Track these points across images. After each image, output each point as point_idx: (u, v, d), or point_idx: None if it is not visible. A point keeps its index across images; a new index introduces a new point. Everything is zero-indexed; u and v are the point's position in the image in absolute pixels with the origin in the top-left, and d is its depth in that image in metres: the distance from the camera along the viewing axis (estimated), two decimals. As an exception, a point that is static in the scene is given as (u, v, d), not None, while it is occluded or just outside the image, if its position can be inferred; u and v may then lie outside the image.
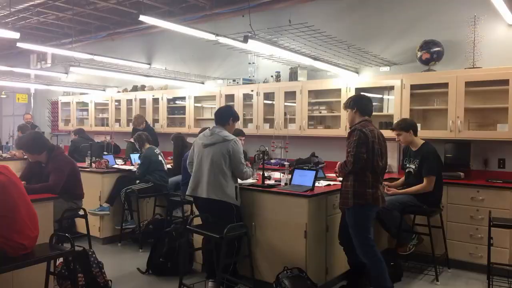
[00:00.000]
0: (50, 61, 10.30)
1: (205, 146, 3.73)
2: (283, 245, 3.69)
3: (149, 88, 8.23)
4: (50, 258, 3.00)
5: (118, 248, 5.20)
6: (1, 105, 12.36)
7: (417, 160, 4.27)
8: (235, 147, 3.66)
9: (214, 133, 3.74)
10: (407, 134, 4.30)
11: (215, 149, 3.66)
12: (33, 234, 2.85)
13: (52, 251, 2.99)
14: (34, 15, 7.73)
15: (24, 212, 2.83)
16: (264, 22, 5.68)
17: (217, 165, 3.61)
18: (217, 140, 3.69)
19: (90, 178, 5.25)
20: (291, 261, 3.57)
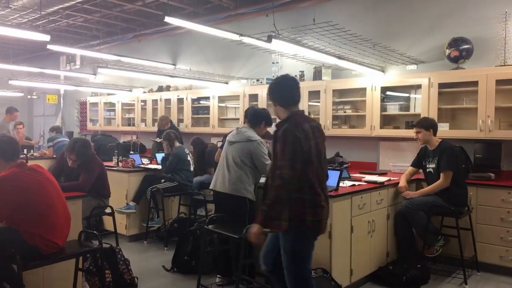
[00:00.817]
0: (79, 63, 10.58)
1: (230, 143, 3.83)
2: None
3: (174, 88, 8.34)
4: (79, 254, 3.09)
5: (144, 246, 5.29)
6: (32, 106, 12.77)
7: (436, 158, 4.19)
8: (259, 148, 3.70)
9: (240, 132, 3.84)
10: (426, 133, 4.24)
11: (238, 147, 3.75)
12: (66, 232, 2.94)
13: (81, 248, 3.08)
14: (63, 18, 7.95)
15: (61, 211, 2.93)
16: (288, 21, 5.66)
17: (237, 163, 3.70)
18: (241, 139, 3.78)
19: (117, 177, 5.36)
20: (315, 261, 3.53)
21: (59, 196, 2.98)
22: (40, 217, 2.80)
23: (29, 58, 11.28)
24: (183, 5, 7.04)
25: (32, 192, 2.79)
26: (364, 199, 3.89)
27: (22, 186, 2.77)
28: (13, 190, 2.73)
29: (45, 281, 3.21)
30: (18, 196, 2.74)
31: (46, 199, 2.85)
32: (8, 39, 8.96)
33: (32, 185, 2.83)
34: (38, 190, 2.84)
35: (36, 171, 2.95)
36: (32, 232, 2.75)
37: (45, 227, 2.80)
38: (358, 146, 5.70)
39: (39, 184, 2.86)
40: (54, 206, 2.89)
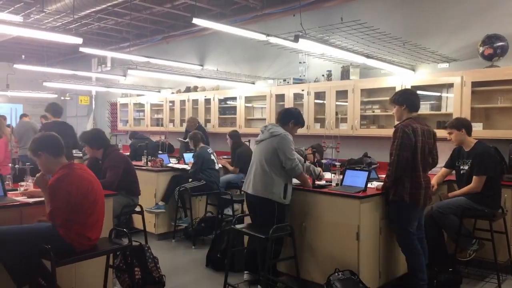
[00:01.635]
0: (109, 65, 10.84)
1: (256, 142, 3.82)
2: (334, 246, 3.63)
3: (202, 89, 8.43)
4: (110, 252, 3.16)
5: (172, 244, 5.37)
6: (66, 107, 13.16)
7: (470, 160, 4.06)
8: (282, 142, 3.62)
9: (265, 130, 3.78)
10: (458, 133, 4.11)
11: (263, 145, 3.71)
12: (101, 230, 3.02)
13: (111, 245, 3.15)
14: (95, 21, 8.17)
15: (100, 209, 3.01)
16: (315, 20, 5.62)
17: (264, 161, 3.64)
18: (265, 136, 3.73)
19: (146, 176, 5.46)
20: (343, 263, 3.51)
21: (101, 195, 3.08)
22: (83, 215, 2.88)
23: (62, 61, 11.66)
24: (210, 7, 7.11)
25: (82, 191, 2.88)
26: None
27: (77, 186, 2.86)
28: (71, 190, 2.82)
29: (77, 277, 3.30)
30: (73, 195, 2.82)
31: (91, 197, 2.94)
32: (42, 42, 9.29)
33: (83, 184, 2.91)
34: (87, 188, 2.92)
35: (84, 169, 3.05)
36: (70, 229, 2.83)
37: (84, 225, 2.88)
38: (387, 147, 5.55)
39: (88, 183, 2.95)
40: (97, 204, 2.98)
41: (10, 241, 2.74)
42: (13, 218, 2.99)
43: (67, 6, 6.04)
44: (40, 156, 2.94)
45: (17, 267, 2.80)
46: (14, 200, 3.14)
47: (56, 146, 2.98)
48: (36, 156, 2.96)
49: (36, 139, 3.02)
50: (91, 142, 4.31)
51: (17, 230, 2.83)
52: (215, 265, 4.40)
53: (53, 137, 3.04)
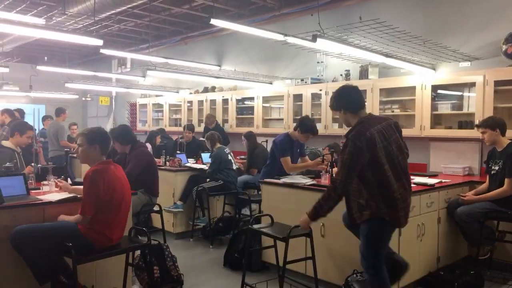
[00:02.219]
0: (129, 66, 11.00)
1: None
2: (353, 247, 3.59)
3: (219, 89, 8.47)
4: (130, 250, 3.20)
5: (190, 244, 5.41)
6: (87, 107, 13.42)
7: (502, 160, 3.95)
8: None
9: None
10: (492, 133, 4.00)
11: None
12: (123, 230, 3.07)
13: (131, 243, 3.20)
14: (115, 23, 8.30)
15: (125, 209, 3.06)
16: (333, 20, 5.58)
17: None
18: None
19: (165, 176, 5.51)
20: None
21: (128, 196, 3.13)
22: (108, 215, 2.94)
23: (83, 62, 11.88)
24: (228, 7, 7.14)
25: (113, 189, 2.94)
26: (413, 201, 3.70)
27: (110, 182, 2.92)
28: (103, 184, 2.89)
29: (97, 274, 3.36)
30: (103, 190, 2.89)
31: (119, 197, 2.99)
32: (64, 44, 9.49)
33: (115, 183, 2.97)
34: (117, 188, 2.98)
35: (119, 170, 3.11)
36: (92, 228, 2.89)
37: (107, 224, 2.93)
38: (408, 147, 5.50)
39: (119, 183, 3.01)
40: (123, 205, 3.03)
41: (33, 238, 2.81)
42: (36, 216, 3.06)
43: (88, 9, 6.15)
44: (91, 147, 3.03)
45: (39, 264, 2.86)
46: (37, 199, 3.21)
47: (107, 145, 3.10)
48: (89, 144, 3.03)
49: (97, 131, 3.13)
50: (119, 138, 4.41)
51: (39, 228, 2.90)
52: (233, 265, 4.41)
53: (108, 137, 3.18)
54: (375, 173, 2.75)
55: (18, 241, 2.81)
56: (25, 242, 2.81)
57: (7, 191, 3.15)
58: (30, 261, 2.85)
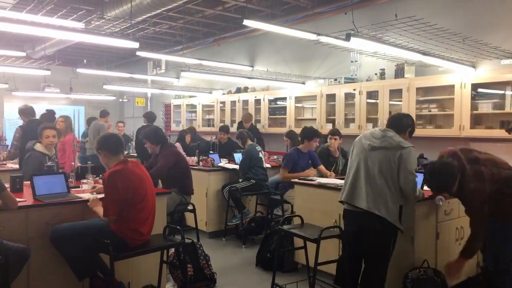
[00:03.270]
0: (164, 67, 11.22)
1: (373, 148, 3.08)
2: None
3: (252, 89, 8.50)
4: (164, 248, 3.27)
5: (223, 243, 5.45)
6: (123, 108, 13.80)
7: None
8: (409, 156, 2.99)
9: (386, 135, 3.09)
10: None
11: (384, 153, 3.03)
12: (152, 225, 3.13)
13: (165, 241, 3.26)
14: (150, 25, 8.49)
15: (151, 206, 3.13)
16: (368, 18, 5.48)
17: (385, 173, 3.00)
18: (389, 145, 3.04)
19: (198, 176, 5.58)
20: (397, 268, 3.39)
21: (152, 191, 3.19)
22: (134, 211, 3.01)
23: (120, 64, 12.23)
24: (261, 8, 7.15)
25: (133, 187, 3.01)
26: (451, 204, 3.63)
27: (128, 181, 3.00)
28: (122, 184, 2.96)
29: (133, 271, 3.44)
30: (124, 190, 2.96)
31: (142, 194, 3.05)
32: (102, 47, 9.81)
33: (135, 180, 3.04)
34: (138, 184, 3.05)
35: (137, 167, 3.19)
36: (122, 225, 2.96)
37: (135, 220, 3.00)
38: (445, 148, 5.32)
39: (139, 179, 3.08)
40: (147, 201, 3.09)
41: (71, 236, 2.92)
42: (75, 213, 3.18)
43: (125, 12, 6.32)
44: (100, 154, 3.16)
45: (78, 261, 2.97)
46: (77, 196, 3.33)
47: (115, 145, 3.15)
48: (98, 154, 3.19)
49: (98, 139, 3.26)
50: (150, 137, 4.53)
51: (75, 227, 3.00)
52: (265, 265, 4.42)
53: (113, 138, 3.24)
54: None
55: (57, 239, 2.92)
56: (63, 240, 2.91)
57: (49, 189, 3.30)
58: (69, 258, 2.95)
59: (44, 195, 3.22)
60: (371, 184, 3.01)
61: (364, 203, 2.99)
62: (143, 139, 4.61)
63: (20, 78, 9.54)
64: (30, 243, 2.89)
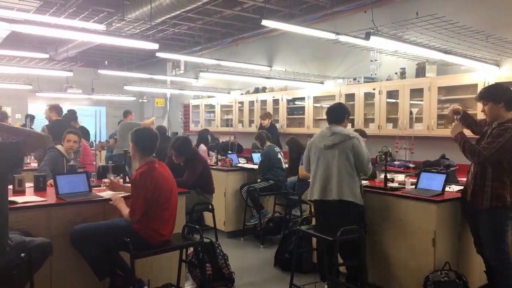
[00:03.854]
0: (183, 68, 11.33)
1: (328, 147, 3.55)
2: (407, 252, 3.47)
3: (270, 89, 8.49)
4: (183, 247, 3.29)
5: (241, 243, 5.47)
6: (143, 109, 13.98)
7: None
8: (358, 144, 3.49)
9: (336, 132, 3.56)
10: None
11: (340, 148, 3.48)
12: (174, 225, 3.17)
13: (184, 241, 3.29)
14: (169, 27, 8.58)
15: (174, 206, 3.16)
16: (388, 16, 5.41)
17: (345, 165, 3.46)
18: (341, 139, 3.51)
19: (216, 176, 5.60)
20: (416, 269, 3.34)
21: (175, 192, 3.22)
22: (158, 211, 3.04)
23: (140, 65, 12.39)
24: (279, 7, 7.14)
25: (160, 187, 3.04)
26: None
27: (156, 181, 3.03)
28: (151, 185, 2.99)
29: (154, 269, 3.49)
30: (151, 190, 2.99)
31: (167, 194, 3.09)
32: (123, 48, 9.96)
33: (162, 180, 3.08)
34: (165, 185, 3.08)
35: (164, 168, 3.21)
36: (144, 224, 3.00)
37: (158, 220, 3.03)
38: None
39: (166, 180, 3.11)
40: (171, 201, 3.13)
41: (91, 236, 2.97)
42: (97, 212, 3.24)
43: (145, 14, 6.40)
44: (132, 146, 3.17)
45: (98, 261, 3.01)
46: (98, 196, 3.38)
47: (148, 144, 3.15)
48: (132, 143, 3.18)
49: (137, 131, 3.22)
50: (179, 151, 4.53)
51: (96, 226, 3.05)
52: (283, 265, 4.41)
53: (150, 137, 3.21)
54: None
55: (76, 240, 2.98)
56: (83, 240, 2.96)
57: (72, 188, 3.37)
58: (88, 259, 3.00)
59: (67, 194, 3.29)
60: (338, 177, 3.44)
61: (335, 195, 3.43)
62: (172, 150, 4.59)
63: (43, 80, 9.77)
64: (52, 241, 2.94)
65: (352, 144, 3.47)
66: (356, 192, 3.45)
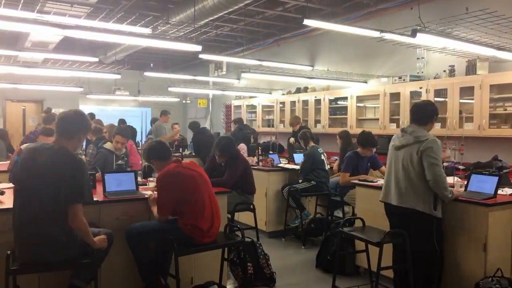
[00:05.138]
0: (225, 69, 11.48)
1: (397, 148, 3.33)
2: (455, 257, 3.32)
3: (312, 89, 8.42)
4: (225, 246, 3.34)
5: (282, 243, 5.45)
6: (187, 110, 14.30)
7: None
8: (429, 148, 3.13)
9: (406, 133, 3.29)
10: None
11: (405, 151, 3.23)
12: (216, 224, 3.21)
13: (226, 240, 3.33)
14: (212, 28, 8.72)
15: (209, 203, 3.22)
16: (436, 13, 5.22)
17: (408, 169, 3.19)
18: (407, 142, 3.23)
19: (258, 176, 5.61)
20: (467, 275, 3.19)
21: (209, 190, 3.27)
22: (187, 208, 3.10)
23: (184, 67, 12.69)
24: (321, 6, 7.07)
25: (187, 186, 3.12)
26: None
27: (181, 181, 3.12)
28: (175, 184, 3.09)
29: (196, 266, 3.55)
30: (178, 189, 3.09)
31: (197, 193, 3.15)
32: (167, 51, 10.23)
33: (188, 179, 3.15)
34: (193, 184, 3.15)
35: (190, 168, 3.29)
36: (186, 222, 3.07)
37: (195, 216, 3.09)
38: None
39: (193, 179, 3.18)
40: (204, 200, 3.17)
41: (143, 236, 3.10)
42: (142, 210, 3.35)
43: (189, 17, 6.55)
44: (152, 163, 3.39)
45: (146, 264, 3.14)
46: (144, 194, 3.49)
47: (161, 152, 3.33)
48: (151, 164, 3.43)
49: (145, 149, 3.45)
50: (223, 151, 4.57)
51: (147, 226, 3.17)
52: (325, 267, 4.35)
53: (157, 145, 3.40)
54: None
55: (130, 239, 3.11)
56: (136, 240, 3.09)
57: (120, 186, 3.50)
58: (138, 259, 3.13)
59: (114, 192, 3.43)
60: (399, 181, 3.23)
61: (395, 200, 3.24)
62: (215, 149, 4.65)
63: (93, 82, 10.22)
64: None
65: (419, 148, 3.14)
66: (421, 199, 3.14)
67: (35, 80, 8.76)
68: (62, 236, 2.54)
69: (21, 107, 11.76)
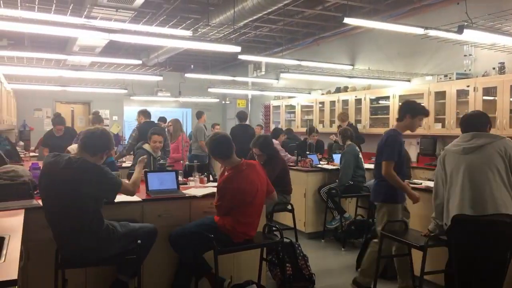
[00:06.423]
0: (264, 69, 11.51)
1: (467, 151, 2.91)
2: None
3: (352, 89, 8.28)
4: (264, 246, 3.35)
5: (321, 244, 5.40)
6: (226, 110, 14.46)
7: None
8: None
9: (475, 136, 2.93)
10: None
11: (483, 150, 2.86)
12: (257, 224, 3.23)
13: (264, 240, 3.34)
14: (251, 29, 8.76)
15: (257, 207, 3.23)
16: (484, 7, 4.99)
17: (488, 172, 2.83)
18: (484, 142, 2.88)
19: (296, 176, 5.59)
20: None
21: (261, 194, 3.25)
22: (240, 209, 3.12)
23: (223, 68, 12.84)
24: (362, 4, 6.94)
25: (243, 191, 3.12)
26: None
27: (240, 187, 3.11)
28: (231, 191, 3.11)
29: (235, 265, 3.58)
30: (233, 196, 3.11)
31: (250, 196, 3.15)
32: (207, 52, 10.39)
33: (245, 183, 3.13)
34: (247, 187, 3.14)
35: (250, 168, 3.23)
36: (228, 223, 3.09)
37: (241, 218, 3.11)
38: None
39: (251, 183, 3.16)
40: (254, 205, 3.18)
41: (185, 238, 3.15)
42: (184, 208, 3.41)
43: (228, 18, 6.62)
44: (217, 159, 3.35)
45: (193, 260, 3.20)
46: (184, 193, 3.56)
47: (224, 149, 3.24)
48: (213, 156, 3.40)
49: (208, 145, 3.36)
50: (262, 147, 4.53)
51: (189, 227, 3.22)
52: (365, 270, 4.26)
53: (220, 142, 3.27)
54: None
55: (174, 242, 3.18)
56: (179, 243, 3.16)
57: (162, 185, 3.59)
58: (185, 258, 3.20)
59: (155, 190, 3.51)
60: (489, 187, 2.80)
61: (492, 209, 2.76)
62: (254, 147, 4.66)
63: (136, 84, 10.56)
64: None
65: (503, 142, 2.85)
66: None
67: (83, 82, 9.16)
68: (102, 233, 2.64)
69: (70, 108, 12.34)
